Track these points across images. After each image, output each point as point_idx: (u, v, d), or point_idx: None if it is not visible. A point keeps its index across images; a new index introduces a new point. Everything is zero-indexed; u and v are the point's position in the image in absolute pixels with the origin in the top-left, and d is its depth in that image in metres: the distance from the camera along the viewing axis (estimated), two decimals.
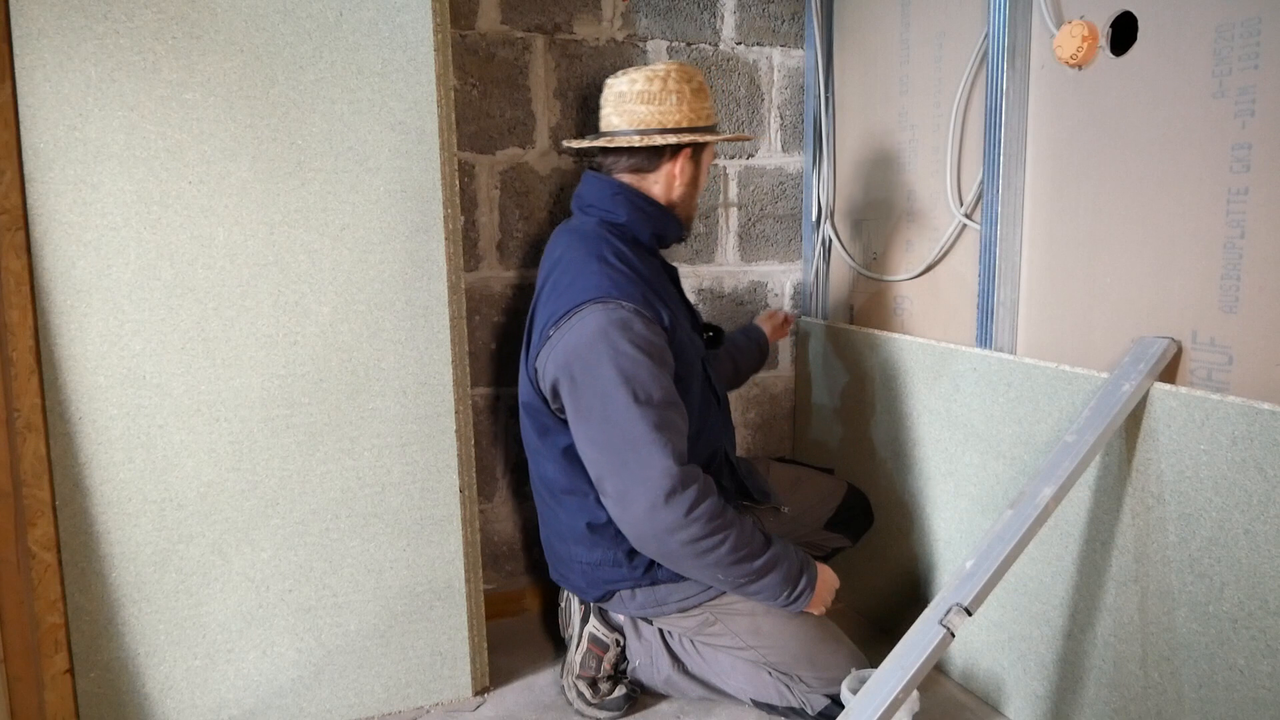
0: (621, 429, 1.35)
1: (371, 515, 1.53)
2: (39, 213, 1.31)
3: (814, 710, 1.52)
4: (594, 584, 1.57)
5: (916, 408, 1.71)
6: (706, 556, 1.37)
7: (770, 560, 1.42)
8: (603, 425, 1.37)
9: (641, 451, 1.34)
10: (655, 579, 1.53)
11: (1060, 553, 1.38)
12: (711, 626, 1.54)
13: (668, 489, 1.33)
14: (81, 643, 1.41)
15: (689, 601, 1.52)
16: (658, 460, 1.33)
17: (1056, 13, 1.40)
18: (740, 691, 1.57)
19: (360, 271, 1.47)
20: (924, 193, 1.74)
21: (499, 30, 1.82)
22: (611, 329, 1.36)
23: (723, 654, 1.57)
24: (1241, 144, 1.14)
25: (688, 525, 1.34)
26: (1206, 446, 1.15)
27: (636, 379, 1.35)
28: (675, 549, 1.36)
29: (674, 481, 1.33)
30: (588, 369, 1.37)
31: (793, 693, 1.53)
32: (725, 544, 1.37)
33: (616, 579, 1.54)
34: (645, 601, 1.55)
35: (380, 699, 1.58)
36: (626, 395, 1.34)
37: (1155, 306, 1.28)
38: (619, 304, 1.38)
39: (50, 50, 1.29)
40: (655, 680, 1.61)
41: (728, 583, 1.42)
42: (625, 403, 1.34)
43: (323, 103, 1.42)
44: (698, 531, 1.34)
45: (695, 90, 1.52)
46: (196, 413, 1.42)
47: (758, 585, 1.42)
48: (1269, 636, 1.08)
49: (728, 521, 1.37)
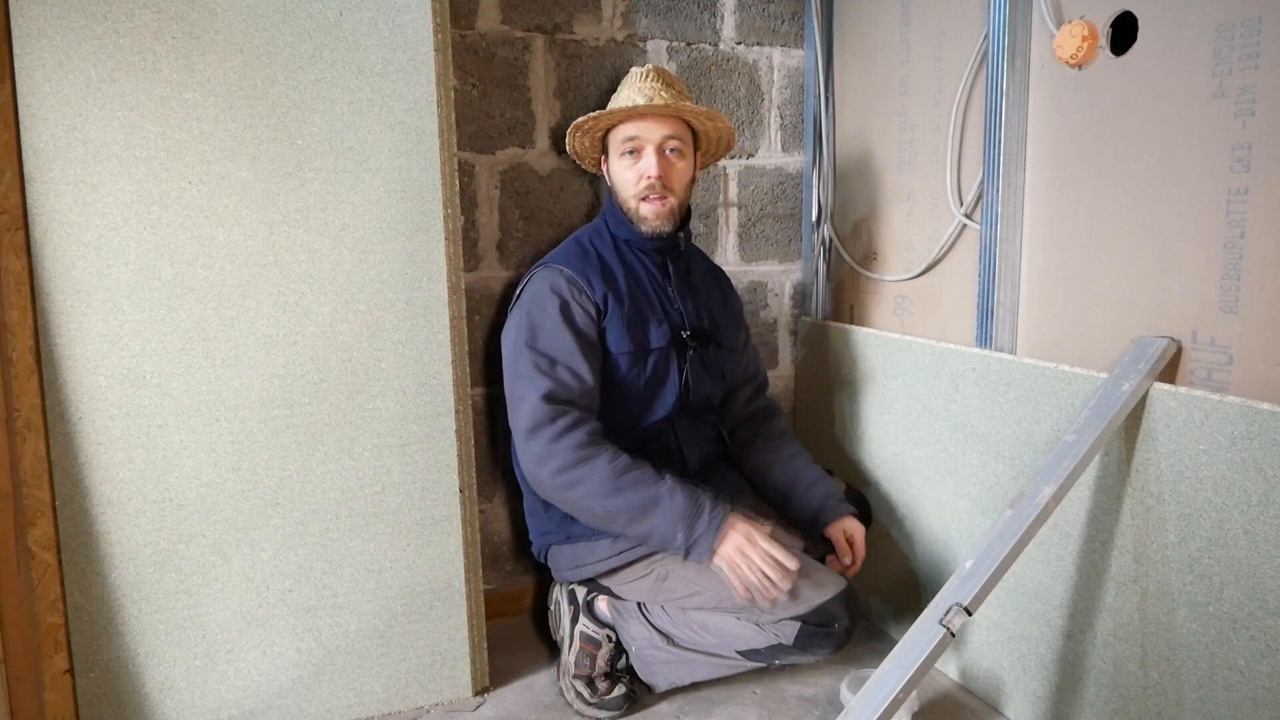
0: (514, 366, 1.50)
1: (371, 515, 1.53)
2: (39, 213, 1.31)
3: (790, 639, 1.45)
4: (537, 538, 1.67)
5: (916, 408, 1.71)
6: (577, 488, 1.39)
7: (652, 495, 1.39)
8: (508, 366, 1.53)
9: (519, 386, 1.47)
10: (570, 534, 1.56)
11: (1060, 553, 1.38)
12: (665, 582, 1.52)
13: (534, 421, 1.42)
14: (81, 643, 1.41)
15: (606, 563, 1.52)
16: (529, 394, 1.44)
17: (1056, 13, 1.40)
18: (724, 648, 1.51)
19: (360, 271, 1.47)
20: (924, 193, 1.74)
21: (499, 30, 1.82)
22: (539, 287, 1.54)
23: (694, 613, 1.53)
24: (1242, 144, 1.14)
25: (550, 456, 1.39)
26: (1206, 446, 1.15)
27: (536, 327, 1.49)
28: (546, 482, 1.42)
29: (540, 414, 1.42)
30: (512, 319, 1.55)
31: (763, 628, 1.47)
32: (594, 474, 1.38)
33: (545, 530, 1.62)
34: (566, 562, 1.59)
35: (380, 699, 1.58)
36: (521, 338, 1.49)
37: (1155, 306, 1.28)
38: (557, 269, 1.55)
39: (50, 50, 1.29)
40: (657, 661, 1.57)
41: (615, 523, 1.41)
42: (519, 345, 1.49)
43: (323, 103, 1.42)
44: (560, 461, 1.39)
45: (625, 82, 1.63)
46: (196, 413, 1.42)
47: (645, 525, 1.39)
48: (1269, 636, 1.08)
49: (595, 452, 1.40)
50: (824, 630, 1.45)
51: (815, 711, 1.58)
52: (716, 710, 1.59)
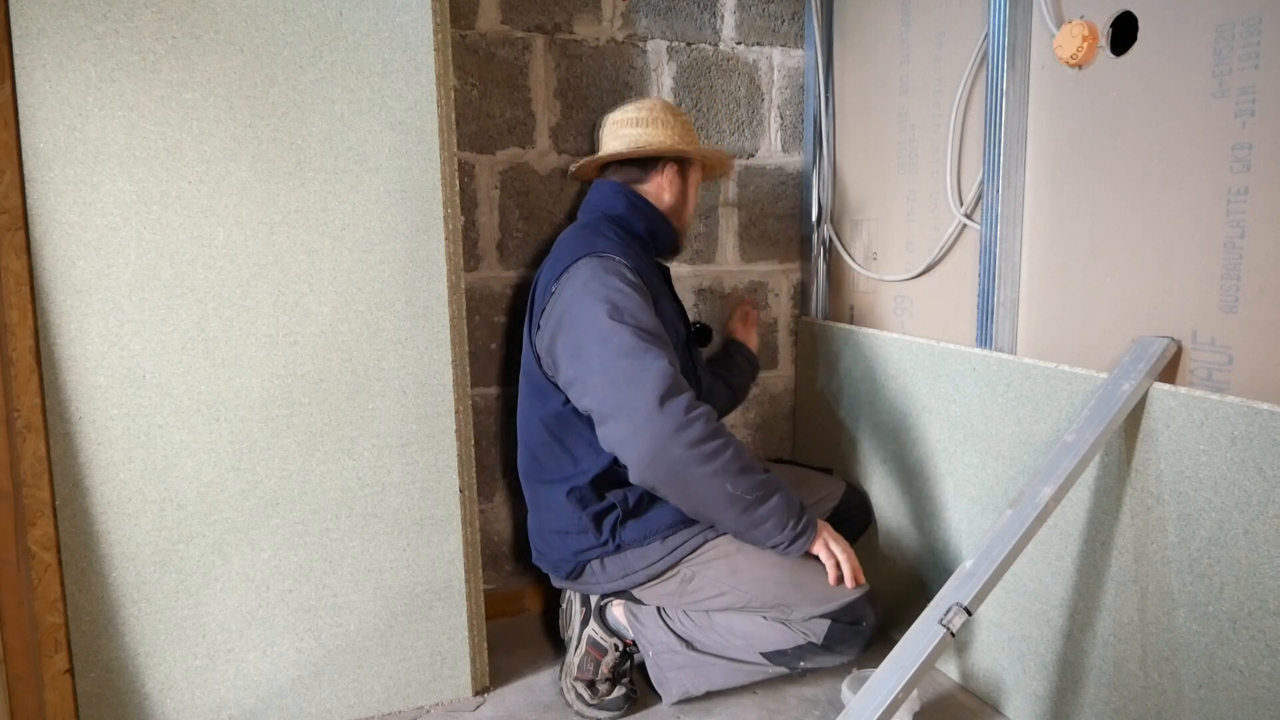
0: (613, 344, 1.39)
1: (371, 515, 1.53)
2: (39, 213, 1.31)
3: (820, 638, 1.47)
4: (565, 557, 1.58)
5: (916, 408, 1.71)
6: (713, 461, 1.34)
7: (775, 481, 1.41)
8: (598, 348, 1.40)
9: (635, 360, 1.37)
10: (621, 543, 1.52)
11: (1060, 553, 1.38)
12: (691, 584, 1.52)
13: (665, 388, 1.34)
14: (81, 643, 1.41)
15: (657, 566, 1.51)
16: (652, 363, 1.36)
17: (1056, 13, 1.40)
18: (748, 651, 1.51)
19: (360, 271, 1.47)
20: (924, 193, 1.74)
21: (499, 30, 1.82)
22: (603, 273, 1.46)
23: (718, 616, 1.53)
24: (1242, 144, 1.14)
25: (689, 425, 1.34)
26: (1206, 446, 1.15)
27: (625, 307, 1.42)
28: (680, 454, 1.34)
29: (670, 381, 1.35)
30: (581, 306, 1.44)
31: (791, 628, 1.48)
32: (729, 449, 1.36)
33: (585, 547, 1.54)
34: (614, 572, 1.54)
35: (380, 699, 1.58)
36: (615, 318, 1.40)
37: (1155, 306, 1.28)
38: (611, 257, 1.49)
39: (50, 50, 1.29)
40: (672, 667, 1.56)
41: (734, 506, 1.38)
42: (613, 325, 1.39)
43: (323, 103, 1.42)
44: (700, 431, 1.34)
45: (682, 123, 1.71)
46: (196, 413, 1.42)
47: (765, 509, 1.39)
48: (1269, 636, 1.08)
49: (727, 429, 1.39)
50: (853, 628, 1.46)
51: (815, 711, 1.58)
52: (716, 710, 1.59)
